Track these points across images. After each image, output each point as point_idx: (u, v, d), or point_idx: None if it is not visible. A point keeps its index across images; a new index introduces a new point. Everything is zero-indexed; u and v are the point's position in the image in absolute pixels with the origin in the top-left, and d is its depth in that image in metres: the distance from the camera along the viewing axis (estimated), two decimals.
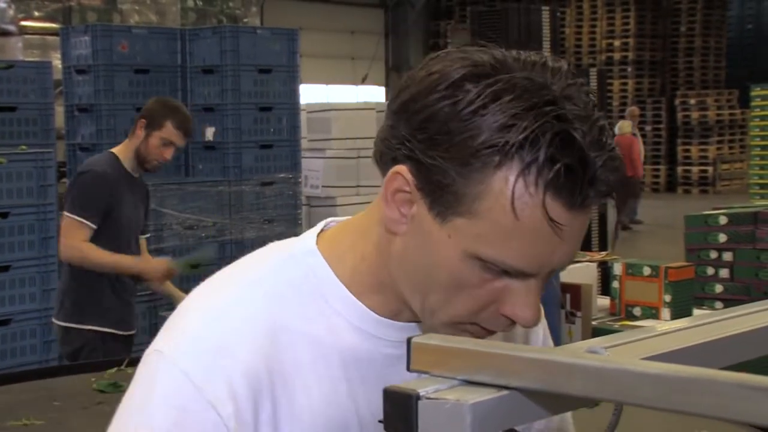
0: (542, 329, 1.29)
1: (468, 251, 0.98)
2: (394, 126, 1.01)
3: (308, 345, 1.06)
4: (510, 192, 0.94)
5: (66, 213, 4.06)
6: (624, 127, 14.86)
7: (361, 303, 1.09)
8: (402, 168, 1.00)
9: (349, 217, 1.17)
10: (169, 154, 4.25)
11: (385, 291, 1.08)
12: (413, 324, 1.11)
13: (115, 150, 4.29)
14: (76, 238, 4.05)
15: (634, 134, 15.15)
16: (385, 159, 1.03)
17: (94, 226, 4.08)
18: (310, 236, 1.14)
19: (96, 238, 4.11)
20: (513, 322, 1.02)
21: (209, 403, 1.01)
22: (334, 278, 1.09)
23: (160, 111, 4.26)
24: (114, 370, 3.12)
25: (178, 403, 1.01)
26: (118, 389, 2.80)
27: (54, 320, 4.19)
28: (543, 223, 0.95)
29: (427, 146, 0.98)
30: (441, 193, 0.98)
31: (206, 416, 1.00)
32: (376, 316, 1.09)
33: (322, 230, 1.15)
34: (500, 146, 0.94)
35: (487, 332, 1.04)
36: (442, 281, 1.00)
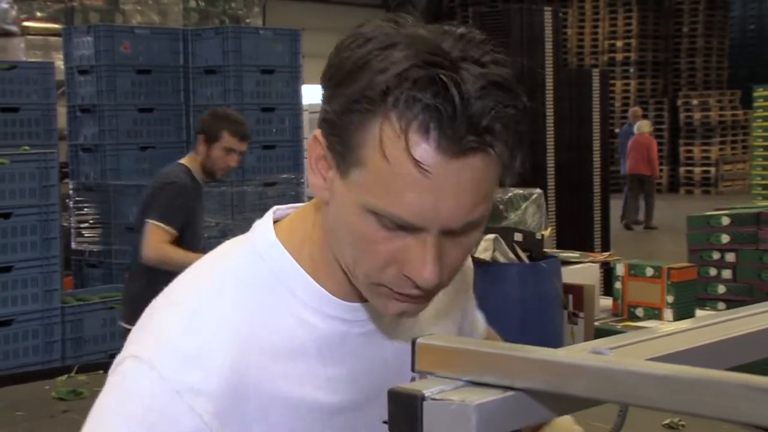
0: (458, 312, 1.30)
1: (361, 204, 0.98)
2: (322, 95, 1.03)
3: (283, 338, 1.07)
4: (380, 136, 0.95)
5: (150, 220, 4.20)
6: (643, 126, 14.94)
7: (325, 291, 1.10)
8: (317, 132, 1.02)
9: (298, 204, 1.18)
10: (234, 161, 4.45)
11: (336, 270, 1.09)
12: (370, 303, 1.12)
13: (183, 161, 4.45)
14: (159, 241, 4.20)
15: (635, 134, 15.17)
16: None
17: (176, 234, 4.20)
18: (266, 227, 1.14)
19: (175, 245, 4.26)
20: (414, 283, 1.01)
21: (189, 407, 1.00)
22: (298, 269, 1.10)
23: (214, 123, 4.41)
24: (65, 377, 3.11)
25: (156, 409, 1.01)
26: (78, 396, 2.79)
27: (124, 324, 4.25)
28: (412, 168, 0.94)
29: (327, 102, 1.00)
30: (339, 147, 0.99)
31: (187, 419, 1.00)
32: (342, 301, 1.10)
33: (276, 221, 1.15)
34: (376, 91, 0.94)
35: (402, 296, 1.03)
36: (349, 239, 1.01)
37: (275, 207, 1.19)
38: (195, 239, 4.43)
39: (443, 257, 1.00)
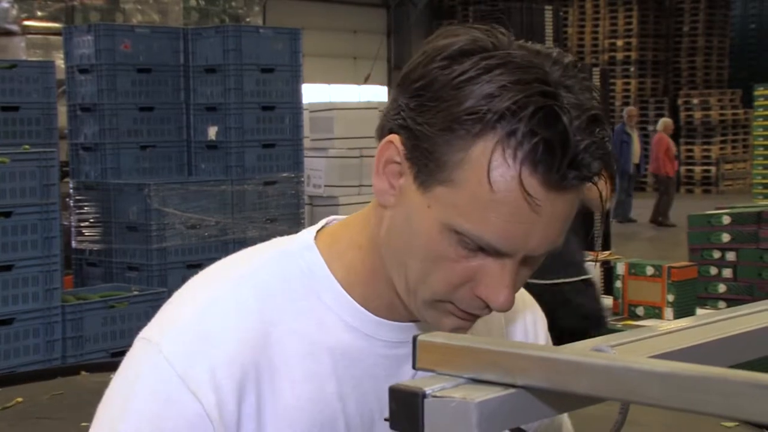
0: (535, 332, 1.28)
1: (445, 222, 0.97)
2: (395, 98, 1.02)
3: (298, 341, 1.06)
4: (487, 162, 0.94)
5: None
6: (661, 125, 15.22)
7: (354, 301, 1.08)
8: (395, 137, 1.00)
9: (351, 215, 1.16)
10: None
11: (378, 280, 1.07)
12: (408, 324, 1.10)
13: None
14: None
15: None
16: (383, 131, 1.03)
17: None
18: (309, 232, 1.13)
19: None
20: (488, 306, 1.01)
21: (191, 393, 1.00)
22: (328, 275, 1.09)
23: None
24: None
25: (160, 392, 1.01)
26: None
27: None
28: (518, 198, 0.94)
29: (417, 113, 0.98)
30: (425, 161, 0.97)
31: (188, 405, 1.00)
32: (370, 315, 1.08)
33: (323, 227, 1.14)
34: (482, 113, 0.93)
35: (465, 314, 1.03)
36: (421, 254, 1.00)
37: (332, 216, 1.17)
38: None
39: (516, 282, 1.01)
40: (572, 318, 3.75)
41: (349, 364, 1.07)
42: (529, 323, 1.28)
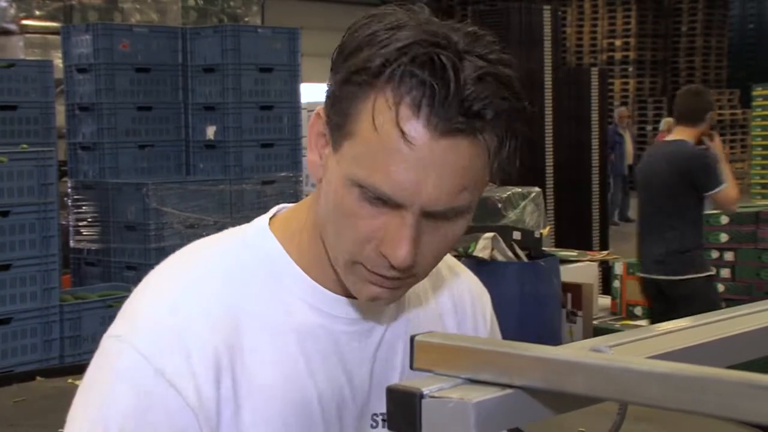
0: (476, 319, 1.28)
1: (347, 175, 0.99)
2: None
3: (264, 324, 1.08)
4: (372, 107, 0.96)
5: (714, 191, 4.73)
6: (664, 125, 15.05)
7: (313, 280, 1.10)
8: (320, 107, 1.04)
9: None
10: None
11: (326, 260, 1.09)
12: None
13: (681, 137, 4.99)
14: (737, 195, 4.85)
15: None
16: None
17: None
18: (262, 220, 1.16)
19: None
20: (393, 266, 1.01)
21: (170, 384, 1.02)
22: (286, 257, 1.11)
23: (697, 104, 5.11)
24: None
25: (140, 387, 1.02)
26: None
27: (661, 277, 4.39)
28: (401, 141, 0.95)
29: (333, 75, 1.01)
30: (336, 118, 1.00)
31: (169, 397, 1.01)
32: (329, 293, 1.11)
33: (274, 214, 1.17)
34: (375, 64, 0.96)
35: (376, 276, 1.03)
36: (332, 213, 1.02)
37: (281, 205, 1.20)
38: None
39: (421, 240, 1.00)
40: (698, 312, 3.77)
41: (315, 341, 1.10)
42: (467, 303, 1.28)
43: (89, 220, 6.77)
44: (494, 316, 1.32)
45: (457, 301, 1.27)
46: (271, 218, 1.16)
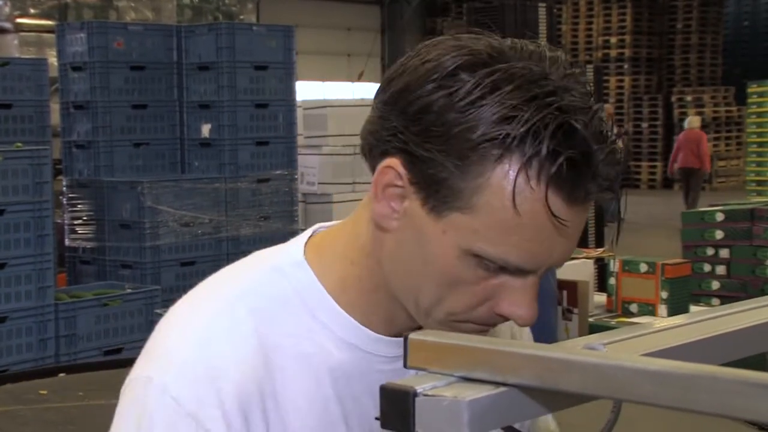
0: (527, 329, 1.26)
1: (464, 247, 0.94)
2: (384, 117, 0.97)
3: (298, 364, 1.03)
4: (511, 186, 0.91)
5: None
6: (693, 122, 15.47)
7: (350, 317, 1.05)
8: (394, 161, 0.96)
9: (338, 221, 1.12)
10: None
11: (378, 296, 1.04)
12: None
13: None
14: None
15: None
16: (374, 153, 0.99)
17: None
18: (297, 245, 1.08)
19: None
20: (507, 319, 0.99)
21: (204, 429, 0.97)
22: (322, 291, 1.05)
23: None
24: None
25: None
26: None
27: None
28: (544, 219, 0.91)
29: (422, 138, 0.93)
30: (437, 188, 0.94)
31: None
32: (368, 330, 1.05)
33: (310, 237, 1.10)
34: (501, 139, 0.90)
35: (481, 327, 1.01)
36: (436, 278, 0.97)
37: (318, 224, 1.12)
38: None
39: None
40: None
41: (350, 382, 1.04)
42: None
43: (84, 218, 6.77)
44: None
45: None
46: (307, 240, 1.09)
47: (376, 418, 0.74)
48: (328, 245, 1.08)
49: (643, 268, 4.19)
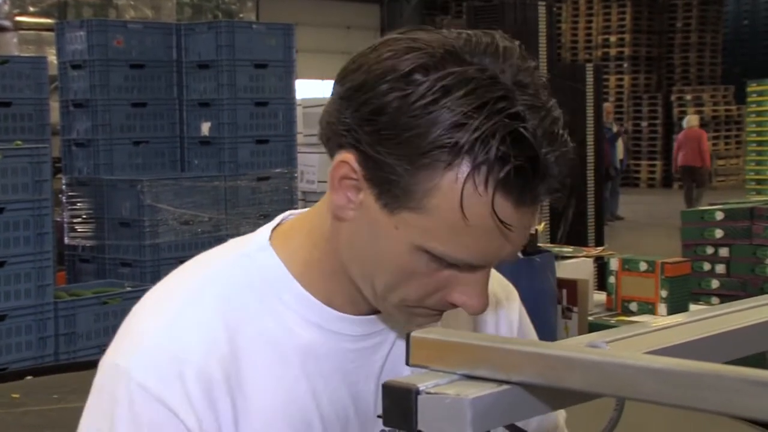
0: (510, 317, 1.27)
1: (416, 244, 0.96)
2: (340, 111, 0.98)
3: (264, 345, 1.05)
4: (459, 192, 0.93)
5: None
6: (691, 121, 15.69)
7: (315, 299, 1.07)
8: (348, 156, 0.98)
9: (306, 209, 1.15)
10: None
11: (339, 279, 1.06)
12: (371, 317, 1.10)
13: None
14: None
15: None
16: (331, 144, 1.01)
17: None
18: (264, 232, 1.12)
19: None
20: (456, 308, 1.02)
21: (171, 412, 1.00)
22: (287, 274, 1.08)
23: None
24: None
25: (141, 417, 1.00)
26: None
27: None
28: (491, 223, 0.94)
29: (374, 140, 0.95)
30: (389, 187, 0.96)
31: (170, 426, 1.00)
32: (332, 311, 1.08)
33: (278, 224, 1.13)
34: (450, 146, 0.92)
35: (435, 313, 1.03)
36: (389, 269, 0.99)
37: (288, 212, 1.16)
38: None
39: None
40: None
41: (318, 361, 1.07)
42: (502, 315, 1.27)
43: (84, 216, 6.76)
44: (524, 315, 1.31)
45: (502, 321, 1.26)
46: (275, 228, 1.13)
47: (378, 416, 0.74)
48: (294, 231, 1.11)
49: (643, 266, 4.20)
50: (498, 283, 1.28)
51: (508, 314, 1.27)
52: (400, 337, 1.12)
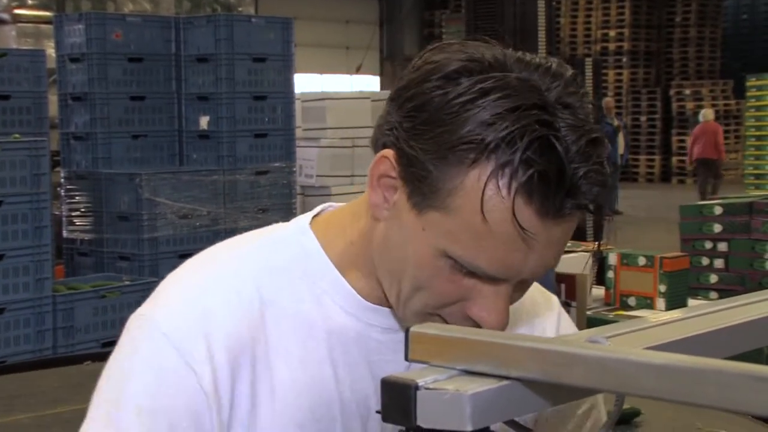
0: (544, 326, 1.25)
1: (439, 247, 0.96)
2: (389, 112, 1.00)
3: (296, 322, 1.06)
4: (481, 192, 0.92)
5: None
6: (707, 115, 15.75)
7: (350, 287, 1.08)
8: (389, 152, 0.99)
9: (345, 203, 1.16)
10: None
11: (371, 277, 1.07)
12: None
13: None
14: None
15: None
16: (377, 145, 1.02)
17: None
18: (305, 218, 1.13)
19: None
20: (478, 325, 1.00)
21: (188, 365, 1.01)
22: (325, 259, 1.09)
23: None
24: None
25: (157, 365, 1.01)
26: None
27: None
28: (512, 229, 0.93)
29: (410, 135, 0.96)
30: (419, 184, 0.96)
31: (186, 378, 1.01)
32: (365, 301, 1.08)
33: (318, 213, 1.15)
34: (477, 143, 0.92)
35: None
36: (413, 272, 0.99)
37: (327, 203, 1.17)
38: None
39: (512, 301, 1.00)
40: None
41: (344, 348, 1.07)
42: (538, 330, 1.24)
43: (82, 210, 6.76)
44: (564, 325, 1.28)
45: (520, 318, 1.22)
46: (314, 216, 1.14)
47: (377, 412, 0.74)
48: (333, 223, 1.12)
49: (642, 261, 4.19)
50: (538, 291, 1.27)
51: (542, 324, 1.25)
52: None
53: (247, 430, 1.03)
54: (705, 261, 6.24)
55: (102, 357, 1.09)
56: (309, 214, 1.14)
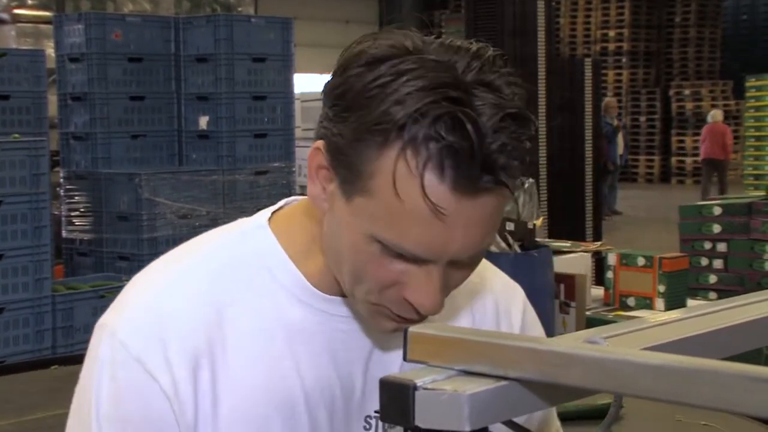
0: (510, 321, 1.25)
1: (365, 230, 0.97)
2: (323, 104, 1.02)
3: (251, 319, 1.07)
4: (392, 171, 0.93)
5: None
6: (716, 116, 15.99)
7: (306, 280, 1.09)
8: (320, 143, 1.00)
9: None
10: None
11: (323, 264, 1.08)
12: None
13: None
14: None
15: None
16: (315, 137, 1.03)
17: None
18: (264, 213, 1.15)
19: None
20: (418, 311, 1.00)
21: (147, 373, 1.03)
22: (281, 253, 1.10)
23: None
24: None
25: (118, 374, 1.04)
26: None
27: None
28: (425, 206, 0.92)
29: (334, 123, 0.97)
30: (346, 171, 0.97)
31: (146, 386, 1.03)
32: (321, 293, 1.09)
33: (280, 208, 1.16)
34: (388, 122, 0.92)
35: (401, 319, 1.02)
36: (350, 260, 1.00)
37: (292, 197, 1.18)
38: None
39: (446, 285, 1.00)
40: None
41: (304, 339, 1.08)
42: (489, 311, 1.24)
43: (81, 210, 6.76)
44: (529, 316, 1.28)
45: (476, 300, 1.23)
46: (276, 211, 1.15)
47: (375, 412, 0.74)
48: (295, 216, 1.13)
49: (641, 261, 4.19)
50: (502, 284, 1.27)
51: (509, 318, 1.25)
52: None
53: (212, 429, 1.05)
54: (704, 261, 6.24)
55: None
56: (270, 209, 1.15)
